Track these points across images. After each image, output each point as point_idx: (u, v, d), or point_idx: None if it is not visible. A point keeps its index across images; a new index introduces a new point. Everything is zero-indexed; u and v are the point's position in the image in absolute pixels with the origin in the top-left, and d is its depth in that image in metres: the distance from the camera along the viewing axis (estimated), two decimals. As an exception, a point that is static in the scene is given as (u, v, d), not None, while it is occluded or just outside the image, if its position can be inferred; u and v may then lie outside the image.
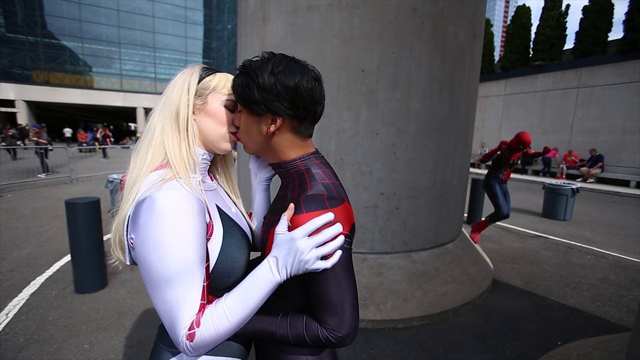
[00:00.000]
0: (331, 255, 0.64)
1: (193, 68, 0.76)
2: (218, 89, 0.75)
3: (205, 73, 0.75)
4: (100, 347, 2.18)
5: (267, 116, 0.69)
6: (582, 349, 1.89)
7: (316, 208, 0.65)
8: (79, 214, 2.73)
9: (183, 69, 0.77)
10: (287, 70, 0.66)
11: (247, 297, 0.63)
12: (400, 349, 2.26)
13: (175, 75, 0.77)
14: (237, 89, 0.70)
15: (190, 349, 0.61)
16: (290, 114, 0.68)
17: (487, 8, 18.79)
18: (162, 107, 0.74)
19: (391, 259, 2.80)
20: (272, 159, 0.77)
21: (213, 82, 0.75)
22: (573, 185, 6.03)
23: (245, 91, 0.68)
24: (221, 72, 0.78)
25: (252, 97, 0.67)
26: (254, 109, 0.69)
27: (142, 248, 0.61)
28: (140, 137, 0.75)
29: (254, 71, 0.67)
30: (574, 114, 12.31)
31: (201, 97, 0.74)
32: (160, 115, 0.73)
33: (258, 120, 0.70)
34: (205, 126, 0.75)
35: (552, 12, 13.78)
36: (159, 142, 0.71)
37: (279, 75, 0.65)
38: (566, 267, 3.82)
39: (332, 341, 0.66)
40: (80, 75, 26.60)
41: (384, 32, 2.54)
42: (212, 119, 0.75)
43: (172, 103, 0.73)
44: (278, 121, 0.69)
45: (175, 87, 0.73)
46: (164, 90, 0.76)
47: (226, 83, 0.75)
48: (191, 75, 0.74)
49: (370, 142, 2.67)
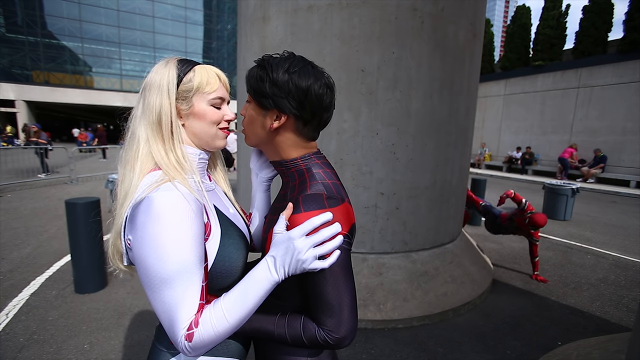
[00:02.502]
0: (329, 255, 0.63)
1: (167, 65, 0.71)
2: (201, 89, 0.72)
3: (182, 70, 0.71)
4: (100, 347, 2.18)
5: (273, 112, 0.70)
6: (582, 349, 1.89)
7: (315, 207, 0.65)
8: (79, 214, 2.73)
9: (157, 65, 0.72)
10: (302, 72, 0.67)
11: (246, 296, 0.63)
12: (400, 349, 2.26)
13: (149, 72, 0.72)
14: (250, 80, 0.71)
15: (190, 349, 0.61)
16: (296, 114, 0.69)
17: (487, 8, 18.78)
18: (142, 113, 0.70)
19: (391, 259, 2.80)
20: (273, 156, 0.77)
21: (195, 82, 0.71)
22: (573, 185, 6.03)
23: (257, 83, 0.69)
24: (197, 63, 0.74)
25: (263, 90, 0.68)
26: (262, 102, 0.70)
27: (140, 249, 0.60)
28: (125, 146, 0.71)
29: (270, 66, 0.68)
30: (574, 114, 12.30)
31: (185, 100, 0.71)
32: (141, 123, 0.70)
33: (264, 114, 0.71)
34: (195, 129, 0.74)
35: (552, 12, 13.77)
36: (146, 152, 0.69)
37: (293, 75, 0.67)
38: (566, 267, 3.82)
39: (330, 342, 0.65)
40: (80, 75, 26.59)
41: (384, 32, 2.54)
42: (202, 120, 0.73)
43: (152, 110, 0.69)
44: (282, 118, 0.69)
45: (152, 91, 0.69)
46: (141, 89, 0.72)
47: (208, 79, 0.72)
48: (168, 75, 0.70)
49: (370, 142, 2.67)
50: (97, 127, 17.97)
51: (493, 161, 15.30)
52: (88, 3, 25.55)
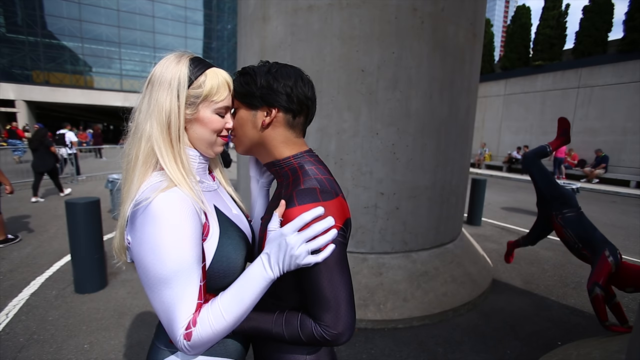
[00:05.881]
0: (323, 249, 0.63)
1: (180, 63, 0.69)
2: (210, 97, 0.71)
3: (194, 73, 0.69)
4: (100, 347, 2.18)
5: (263, 109, 0.72)
6: (582, 349, 1.89)
7: (308, 201, 0.65)
8: (79, 214, 2.73)
9: (168, 59, 0.70)
10: (283, 70, 0.72)
11: (242, 294, 0.63)
12: (400, 349, 2.26)
13: (160, 64, 0.69)
14: (236, 87, 0.74)
15: (188, 348, 0.62)
16: (285, 107, 0.71)
17: (487, 8, 18.72)
18: (148, 109, 0.68)
19: (391, 259, 2.80)
20: (266, 157, 0.78)
21: (205, 89, 0.70)
22: (573, 185, 6.02)
23: (243, 87, 0.72)
24: (210, 65, 0.72)
25: (250, 91, 0.71)
26: (251, 102, 0.72)
27: (139, 249, 0.61)
28: (129, 140, 0.70)
29: (252, 71, 0.72)
30: (574, 114, 12.31)
31: (192, 105, 0.70)
32: (147, 119, 0.68)
33: (254, 113, 0.73)
34: (196, 134, 0.73)
35: (552, 12, 13.78)
36: (149, 149, 0.68)
37: (276, 74, 0.71)
38: (566, 267, 3.82)
39: (327, 339, 0.65)
40: (80, 75, 26.57)
41: (384, 32, 2.54)
42: (204, 127, 0.73)
43: (161, 110, 0.67)
44: (273, 112, 0.71)
45: (162, 88, 0.67)
46: (147, 81, 0.70)
47: (218, 88, 0.71)
48: (179, 75, 0.68)
49: (370, 142, 2.67)
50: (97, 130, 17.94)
51: (493, 161, 15.31)
52: (88, 3, 25.53)
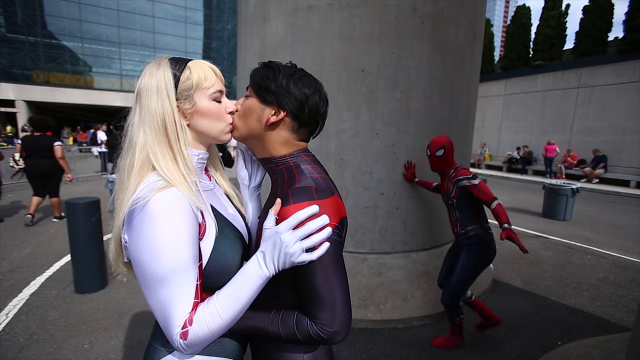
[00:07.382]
0: (318, 247, 0.63)
1: (160, 66, 0.69)
2: (201, 85, 0.71)
3: (177, 69, 0.69)
4: (100, 347, 2.18)
5: (273, 107, 0.72)
6: (582, 349, 1.89)
7: (303, 199, 0.65)
8: (79, 214, 2.73)
9: (147, 69, 0.70)
10: (305, 80, 0.73)
11: (238, 293, 0.64)
12: (400, 349, 2.26)
13: (142, 76, 0.69)
14: (255, 76, 0.74)
15: (185, 347, 0.62)
16: (294, 114, 0.72)
17: (487, 8, 18.68)
18: (140, 119, 0.68)
19: (391, 259, 2.80)
20: (262, 152, 0.78)
21: (193, 79, 0.70)
22: (573, 185, 6.03)
23: (263, 80, 0.72)
24: (189, 60, 0.73)
25: (268, 86, 0.71)
26: (265, 97, 0.72)
27: (136, 248, 0.61)
28: (122, 154, 0.70)
29: (277, 67, 0.72)
30: (574, 114, 12.31)
31: (187, 99, 0.70)
32: (140, 129, 0.68)
33: (263, 107, 0.73)
34: (202, 127, 0.74)
35: (552, 12, 13.79)
36: (144, 158, 0.67)
37: (298, 80, 0.72)
38: (566, 267, 3.82)
39: (323, 337, 0.64)
40: (80, 75, 26.55)
41: (384, 32, 2.54)
42: (207, 117, 0.73)
43: (154, 115, 0.67)
44: (281, 114, 0.71)
45: (150, 95, 0.67)
46: (135, 94, 0.70)
47: (205, 74, 0.72)
48: (164, 77, 0.68)
49: (370, 142, 2.67)
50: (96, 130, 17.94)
51: (493, 161, 15.31)
52: (88, 3, 25.52)
